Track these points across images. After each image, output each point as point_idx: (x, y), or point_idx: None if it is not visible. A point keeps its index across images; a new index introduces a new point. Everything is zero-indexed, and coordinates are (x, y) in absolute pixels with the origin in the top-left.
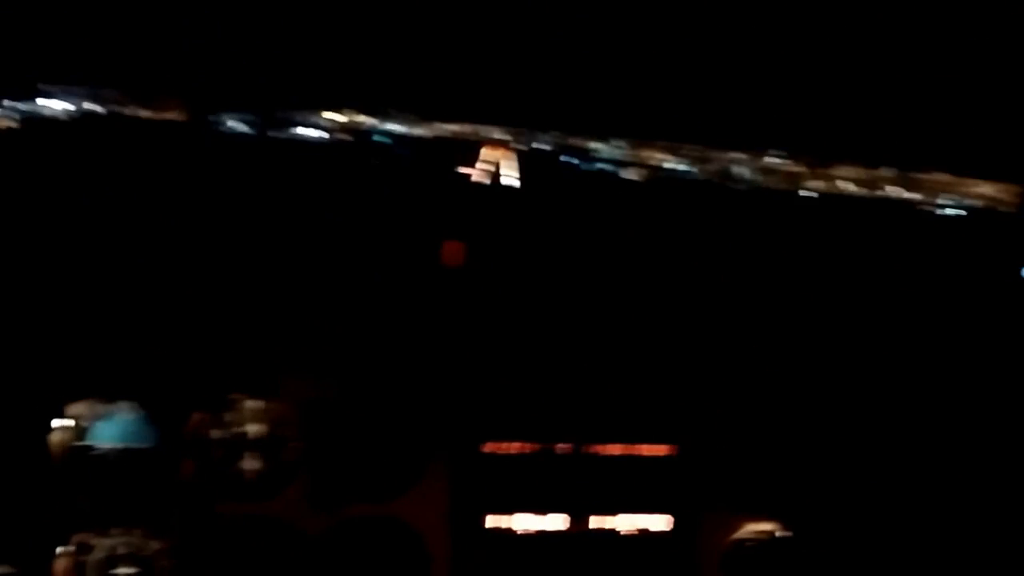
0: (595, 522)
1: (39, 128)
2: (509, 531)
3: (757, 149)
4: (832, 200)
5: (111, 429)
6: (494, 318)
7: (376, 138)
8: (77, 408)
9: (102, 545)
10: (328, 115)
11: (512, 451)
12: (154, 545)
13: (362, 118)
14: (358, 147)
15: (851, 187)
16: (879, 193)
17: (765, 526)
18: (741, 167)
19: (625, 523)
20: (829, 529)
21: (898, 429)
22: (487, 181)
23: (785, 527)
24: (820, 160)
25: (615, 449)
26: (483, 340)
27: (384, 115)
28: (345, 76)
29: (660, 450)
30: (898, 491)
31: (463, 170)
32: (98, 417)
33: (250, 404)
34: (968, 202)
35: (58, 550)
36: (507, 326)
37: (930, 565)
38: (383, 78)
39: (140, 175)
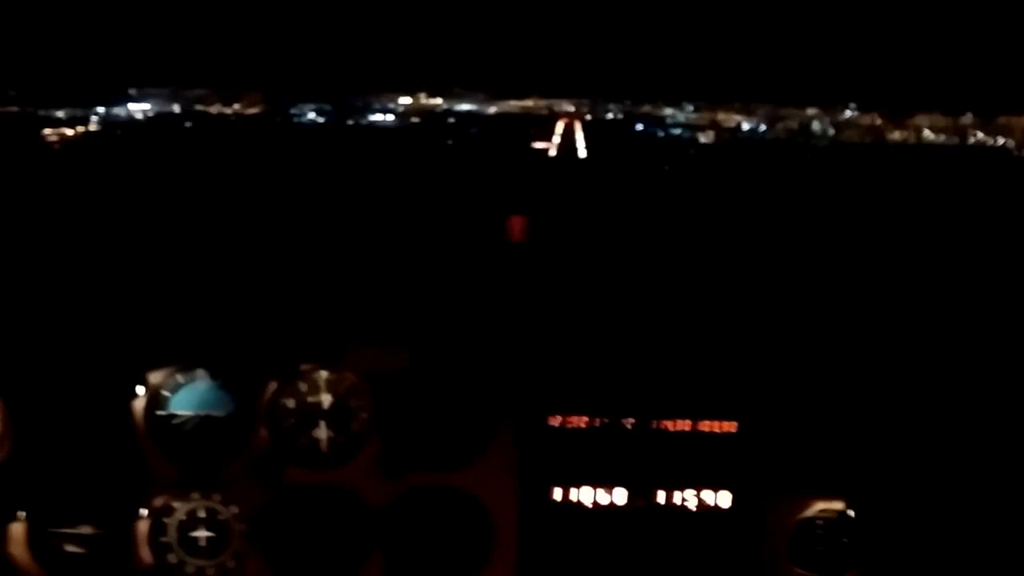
0: (660, 497)
1: (126, 129)
2: (574, 504)
3: (832, 104)
4: (917, 150)
5: (190, 397)
6: (562, 291)
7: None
8: (157, 376)
9: (181, 508)
10: (401, 99)
11: (578, 424)
12: (230, 510)
13: (433, 100)
14: (431, 128)
15: (935, 136)
16: (966, 140)
17: (833, 505)
18: (818, 123)
19: (690, 499)
20: (898, 507)
21: (972, 400)
22: (562, 154)
23: (853, 506)
24: (898, 110)
25: (681, 424)
26: (550, 313)
27: (454, 95)
28: (413, 59)
29: (726, 426)
30: (969, 466)
31: (538, 145)
32: (177, 386)
33: (321, 374)
34: None
35: (141, 512)
36: (574, 299)
37: (1004, 539)
38: (450, 59)
39: (222, 161)
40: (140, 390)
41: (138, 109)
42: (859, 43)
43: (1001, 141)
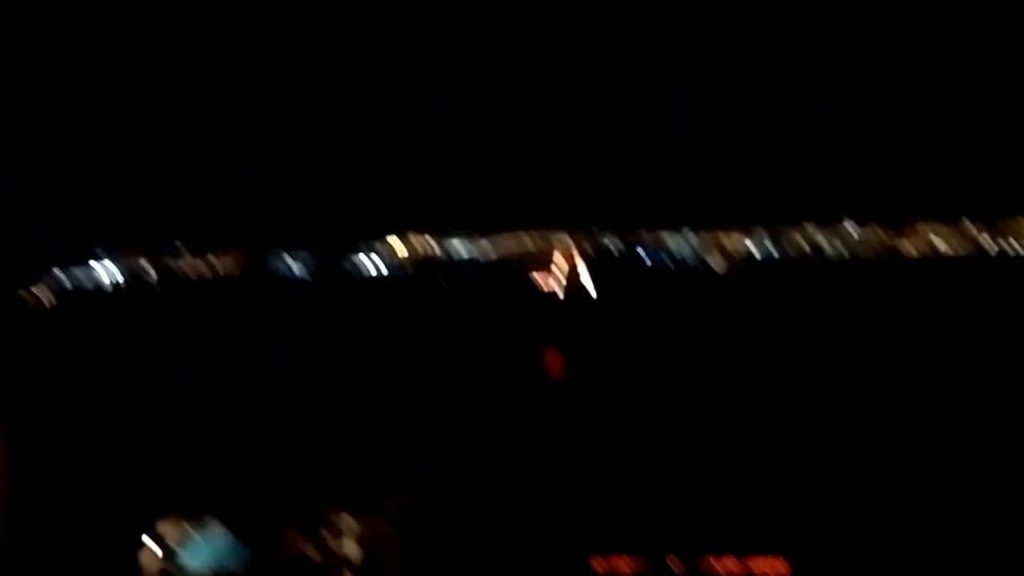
0: None
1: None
2: None
3: (827, 221)
4: (935, 263)
5: (201, 550)
6: (599, 428)
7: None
8: (165, 527)
9: None
10: (390, 239)
11: (622, 568)
12: None
13: (425, 241)
14: (426, 273)
15: (947, 246)
16: (980, 246)
17: None
18: (825, 240)
19: None
20: None
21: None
22: (570, 294)
23: None
24: (894, 221)
25: (728, 563)
26: (587, 452)
27: (446, 235)
28: (398, 204)
29: (776, 564)
30: None
31: (542, 285)
32: (187, 536)
33: (346, 521)
34: None
35: None
36: (611, 437)
37: None
38: (437, 198)
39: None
40: (148, 541)
41: (105, 273)
42: (848, 159)
43: (1016, 244)
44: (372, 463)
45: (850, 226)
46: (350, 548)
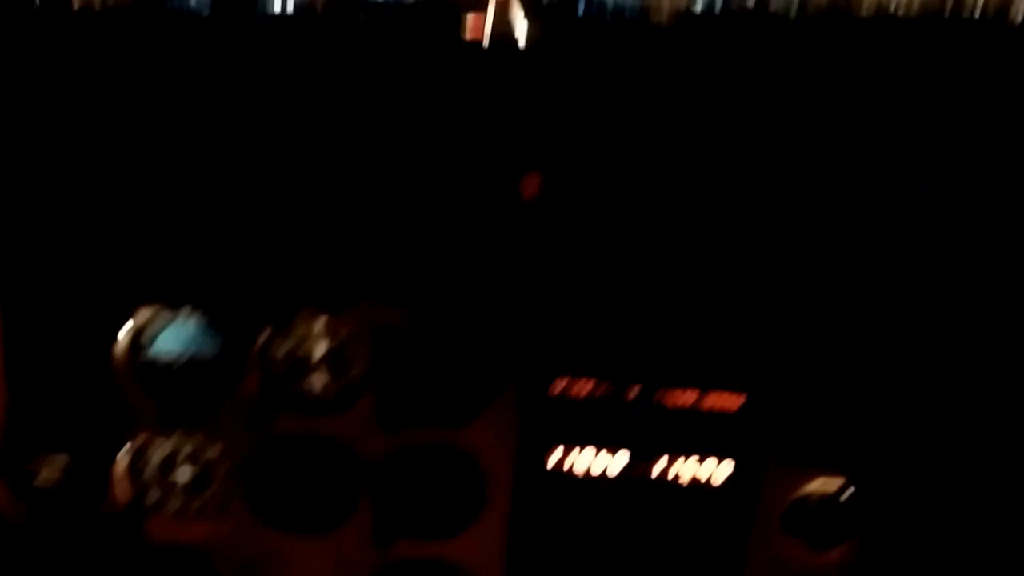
0: (660, 466)
1: None
2: (571, 469)
3: None
4: (901, 21)
5: (175, 336)
6: (571, 251)
7: None
8: (143, 313)
9: (162, 445)
10: None
11: (582, 389)
12: (214, 450)
13: None
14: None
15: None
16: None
17: (831, 482)
18: None
19: (691, 470)
20: (899, 487)
21: (984, 383)
22: (496, 41)
23: (852, 483)
24: None
25: (686, 395)
26: (559, 274)
27: None
28: None
29: (732, 398)
30: (979, 452)
31: (469, 22)
32: (163, 323)
33: (319, 319)
34: None
35: (120, 448)
36: (584, 261)
37: (1005, 531)
38: None
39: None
40: (125, 327)
41: None
42: None
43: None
44: (348, 267)
45: None
46: (321, 346)
